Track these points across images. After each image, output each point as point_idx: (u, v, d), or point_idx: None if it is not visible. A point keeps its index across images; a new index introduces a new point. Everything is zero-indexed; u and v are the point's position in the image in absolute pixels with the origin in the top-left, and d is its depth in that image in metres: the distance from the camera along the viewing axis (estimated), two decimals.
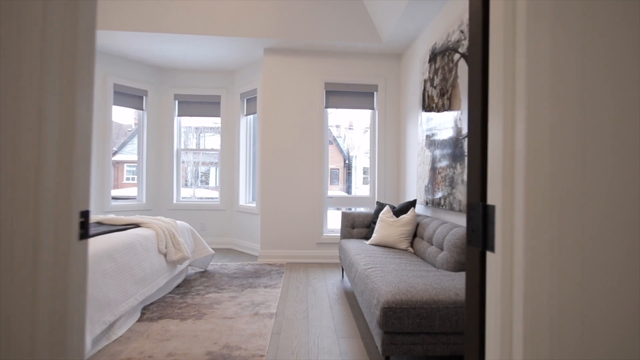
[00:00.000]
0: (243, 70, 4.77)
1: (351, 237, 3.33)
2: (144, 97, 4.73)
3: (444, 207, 2.70)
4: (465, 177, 2.36)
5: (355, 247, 2.76)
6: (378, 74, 4.19)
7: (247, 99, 4.77)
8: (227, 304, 2.65)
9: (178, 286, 3.10)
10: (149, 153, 4.78)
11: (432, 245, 2.44)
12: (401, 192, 4.10)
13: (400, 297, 1.55)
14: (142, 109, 4.74)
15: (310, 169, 4.13)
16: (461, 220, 2.47)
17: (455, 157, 2.52)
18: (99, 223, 2.96)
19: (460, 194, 2.41)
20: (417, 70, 3.58)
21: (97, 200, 4.27)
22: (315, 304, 2.71)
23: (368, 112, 4.41)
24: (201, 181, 5.99)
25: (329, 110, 4.29)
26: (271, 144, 4.12)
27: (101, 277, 1.99)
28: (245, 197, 4.84)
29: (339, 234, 4.11)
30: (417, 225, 2.83)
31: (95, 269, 1.96)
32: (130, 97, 4.62)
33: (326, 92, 4.17)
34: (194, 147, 5.41)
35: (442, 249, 2.25)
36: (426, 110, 3.15)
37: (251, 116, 4.82)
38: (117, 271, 2.16)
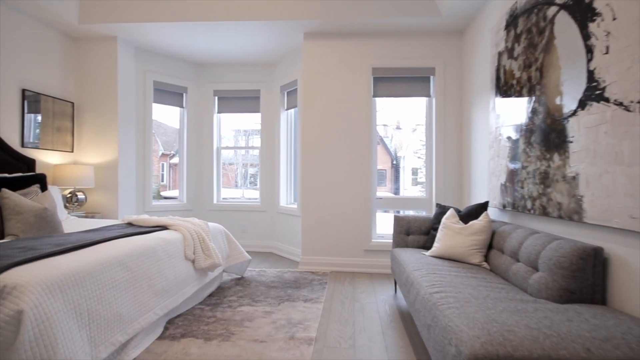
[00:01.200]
0: (282, 62, 4.42)
1: (406, 245, 2.79)
2: (184, 94, 4.58)
3: (531, 211, 2.07)
4: (568, 171, 1.73)
5: (413, 260, 2.23)
6: (435, 55, 3.59)
7: (287, 92, 4.42)
8: (260, 321, 2.27)
9: (210, 295, 2.79)
10: (189, 152, 4.62)
11: (518, 261, 1.83)
12: (465, 192, 3.46)
13: (495, 349, 1.01)
14: (182, 107, 4.59)
15: (356, 166, 3.65)
16: (561, 230, 1.84)
17: (550, 145, 1.89)
18: (130, 224, 2.75)
19: (560, 194, 1.78)
20: (485, 45, 2.94)
21: (137, 200, 4.16)
22: (364, 327, 2.22)
23: (421, 103, 3.82)
24: (250, 182, 5.80)
25: (378, 100, 3.77)
26: (313, 139, 3.70)
27: (110, 290, 1.69)
28: (286, 198, 4.49)
29: (390, 241, 3.58)
30: (493, 233, 2.22)
31: (102, 281, 1.66)
32: (171, 95, 4.48)
33: (374, 78, 3.66)
34: (242, 151, 5.18)
35: (536, 269, 1.65)
36: (501, 91, 2.52)
37: (292, 110, 4.46)
38: (132, 282, 1.86)
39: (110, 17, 3.49)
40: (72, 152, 3.85)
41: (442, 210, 2.67)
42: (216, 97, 4.71)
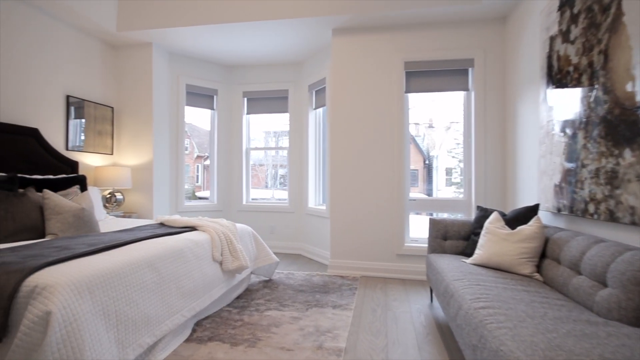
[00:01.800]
0: (311, 60, 4.35)
1: (443, 251, 2.60)
2: (214, 97, 4.64)
3: (594, 216, 1.83)
4: None
5: (452, 268, 2.04)
6: (474, 45, 3.35)
7: (315, 91, 4.34)
8: (287, 327, 2.18)
9: (238, 297, 2.75)
10: (219, 153, 4.67)
11: (579, 274, 1.61)
12: (510, 194, 3.19)
13: None
14: (212, 109, 4.65)
15: (387, 166, 3.49)
16: (634, 239, 1.59)
17: (618, 140, 1.65)
18: (162, 224, 2.78)
19: (634, 196, 1.54)
20: (534, 30, 2.68)
21: (171, 200, 4.25)
22: (398, 339, 2.07)
23: (456, 99, 3.59)
24: (280, 183, 5.80)
25: (409, 98, 3.58)
26: (341, 139, 3.59)
27: (138, 291, 1.67)
28: (314, 199, 4.40)
29: (425, 246, 3.39)
30: (547, 240, 1.98)
31: (131, 282, 1.65)
32: (202, 97, 4.55)
33: (407, 73, 3.48)
34: (272, 152, 5.17)
35: (603, 284, 1.43)
36: (554, 80, 2.27)
37: (320, 109, 4.37)
38: (160, 283, 1.84)
39: (146, 23, 3.59)
40: (112, 154, 4.00)
41: (483, 213, 2.45)
42: (245, 99, 4.73)
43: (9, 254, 1.63)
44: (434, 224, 2.68)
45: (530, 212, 2.19)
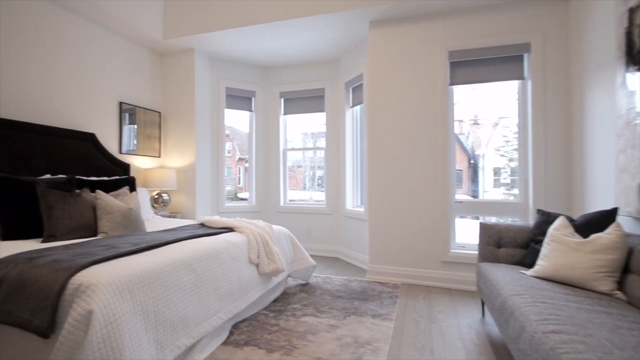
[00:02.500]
0: (347, 56, 4.26)
1: (496, 260, 2.37)
2: (252, 98, 4.71)
3: None
4: None
5: (510, 280, 1.84)
6: (531, 27, 3.04)
7: (352, 88, 4.24)
8: (324, 335, 2.11)
9: (275, 300, 2.73)
10: (257, 155, 4.73)
11: None
12: (577, 195, 2.86)
13: None
14: (251, 110, 4.72)
15: (431, 166, 3.29)
16: None
17: None
18: (202, 224, 2.84)
19: None
20: (606, 3, 2.37)
21: (212, 201, 4.38)
22: (445, 357, 1.91)
23: (507, 92, 3.29)
24: (318, 185, 5.77)
25: (454, 92, 3.36)
26: (380, 137, 3.45)
27: (176, 292, 1.69)
28: (352, 201, 4.30)
29: (474, 252, 3.15)
30: (630, 252, 1.71)
31: (169, 282, 1.67)
32: (240, 99, 4.64)
33: (451, 64, 3.27)
34: (310, 153, 5.16)
35: None
36: (637, 59, 1.96)
37: (357, 107, 4.27)
38: (197, 284, 1.85)
39: (188, 30, 3.73)
40: (159, 157, 4.20)
41: (545, 218, 2.20)
42: (282, 99, 4.75)
43: (61, 251, 1.72)
44: (485, 230, 2.46)
45: (606, 218, 1.92)
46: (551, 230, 1.97)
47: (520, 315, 1.39)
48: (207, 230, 2.46)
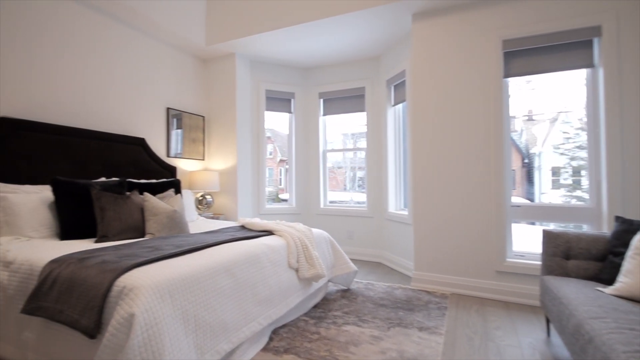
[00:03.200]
0: (388, 53, 4.09)
1: (565, 274, 2.09)
2: (292, 100, 4.70)
3: None
4: None
5: (584, 299, 1.58)
6: (601, 8, 2.67)
7: (394, 86, 4.06)
8: (367, 348, 1.99)
9: (315, 306, 2.66)
10: (297, 156, 4.71)
11: None
12: None
13: None
14: (290, 112, 4.72)
15: (482, 166, 3.04)
16: None
17: None
18: (243, 227, 2.85)
19: None
20: None
21: (253, 203, 4.42)
22: None
23: (569, 83, 2.94)
24: (358, 186, 5.65)
25: (510, 80, 3.06)
26: (425, 136, 3.25)
27: (215, 296, 1.67)
28: (395, 204, 4.11)
29: (535, 262, 2.84)
30: None
31: (209, 286, 1.65)
32: (280, 101, 4.66)
33: (505, 54, 2.98)
34: (351, 154, 5.07)
35: None
36: None
37: (400, 105, 4.08)
38: (237, 289, 1.83)
39: (229, 35, 3.80)
40: (203, 159, 4.33)
41: (627, 226, 1.89)
42: (321, 100, 4.69)
43: (110, 252, 1.78)
44: (550, 238, 2.19)
45: None
46: (636, 242, 1.68)
47: (603, 345, 1.17)
48: (247, 233, 2.45)
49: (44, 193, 2.37)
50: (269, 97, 4.57)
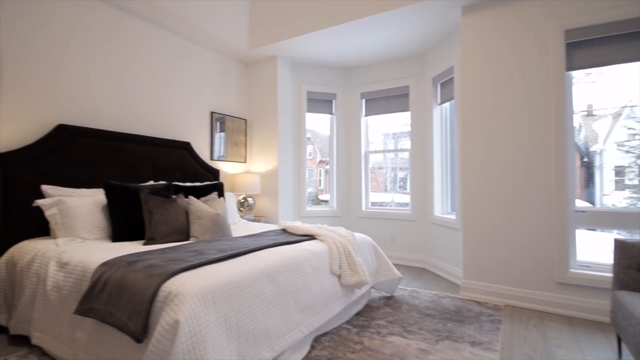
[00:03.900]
0: (434, 49, 3.88)
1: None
2: (333, 101, 4.63)
3: None
4: None
5: None
6: None
7: (440, 83, 3.85)
8: None
9: (357, 314, 2.57)
10: (338, 158, 4.64)
11: None
12: None
13: None
14: (331, 113, 4.65)
15: (541, 167, 2.77)
16: None
17: None
18: (284, 230, 2.83)
19: None
20: None
21: (294, 205, 4.41)
22: None
23: (634, 75, 2.58)
24: (399, 187, 5.48)
25: (574, 74, 2.76)
26: (475, 135, 3.03)
27: (258, 303, 1.65)
28: (441, 207, 3.90)
29: (603, 274, 2.54)
30: None
31: (251, 293, 1.63)
32: (321, 103, 4.61)
33: (568, 45, 2.70)
34: (392, 154, 4.91)
35: None
36: None
37: (447, 104, 3.86)
38: (279, 296, 1.79)
39: (271, 38, 3.81)
40: (245, 162, 4.40)
41: None
42: (363, 100, 4.57)
43: (157, 255, 1.81)
44: (622, 249, 1.93)
45: None
46: None
47: None
48: (289, 238, 2.41)
49: (98, 196, 2.50)
50: (310, 98, 4.54)
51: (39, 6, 2.53)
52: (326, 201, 4.98)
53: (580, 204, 3.09)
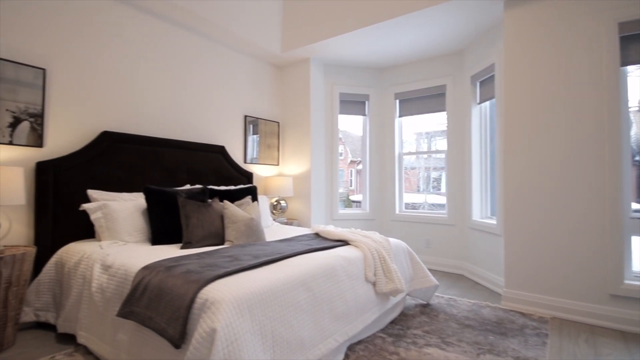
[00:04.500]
0: (473, 46, 3.70)
1: None
2: (366, 102, 4.56)
3: None
4: None
5: None
6: None
7: (480, 82, 3.67)
8: None
9: (392, 322, 2.49)
10: (371, 160, 4.55)
11: None
12: None
13: None
14: (364, 115, 4.58)
15: (592, 169, 2.55)
16: None
17: None
18: (317, 234, 2.81)
19: None
20: None
21: (326, 208, 4.39)
22: None
23: None
24: (433, 187, 5.32)
25: (630, 69, 2.52)
26: (519, 135, 2.85)
27: (292, 312, 1.63)
28: (480, 211, 3.71)
29: None
30: None
31: (286, 301, 1.61)
32: (354, 104, 4.55)
33: (622, 38, 2.47)
34: (425, 154, 4.78)
35: None
36: None
37: (486, 103, 3.67)
38: (313, 304, 1.76)
39: (304, 40, 3.81)
40: (278, 165, 4.43)
41: None
42: (397, 101, 4.46)
43: (194, 261, 1.85)
44: None
45: None
46: None
47: None
48: (322, 243, 2.38)
49: (139, 200, 2.60)
50: (343, 100, 4.49)
51: (85, 20, 2.67)
52: (358, 202, 4.91)
53: (636, 208, 2.83)
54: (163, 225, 2.46)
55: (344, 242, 2.45)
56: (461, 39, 3.63)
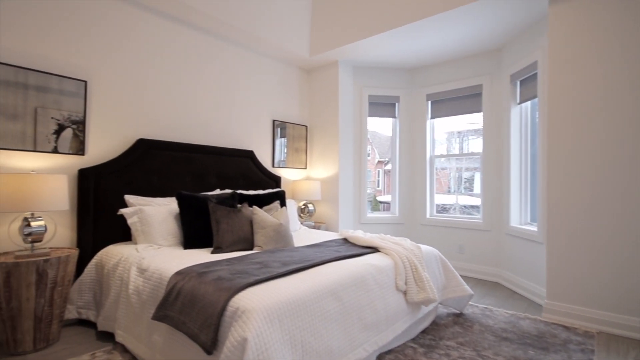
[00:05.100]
0: (513, 43, 3.51)
1: None
2: (396, 104, 4.46)
3: None
4: None
5: None
6: None
7: (520, 81, 3.48)
8: None
9: (424, 331, 2.41)
10: (401, 163, 4.45)
11: None
12: None
13: None
14: (394, 117, 4.49)
15: (636, 172, 2.34)
16: None
17: None
18: (345, 240, 2.77)
19: None
20: None
21: (354, 212, 4.34)
22: None
23: None
24: (464, 188, 5.13)
25: None
26: (566, 139, 2.67)
27: (321, 321, 1.61)
28: (519, 217, 3.52)
29: None
30: None
31: (315, 311, 1.59)
32: (383, 106, 4.47)
33: None
34: (456, 153, 4.62)
35: None
36: None
37: (527, 103, 3.47)
38: (343, 313, 1.73)
39: (333, 43, 3.78)
40: (306, 168, 4.43)
41: None
42: (429, 102, 4.32)
43: (224, 267, 1.87)
44: None
45: None
46: None
47: None
48: (351, 251, 2.34)
49: (172, 205, 2.68)
50: (372, 102, 4.42)
51: (123, 35, 2.80)
52: (386, 202, 4.82)
53: None
54: (194, 230, 2.52)
55: (373, 249, 2.40)
56: (500, 36, 3.46)
